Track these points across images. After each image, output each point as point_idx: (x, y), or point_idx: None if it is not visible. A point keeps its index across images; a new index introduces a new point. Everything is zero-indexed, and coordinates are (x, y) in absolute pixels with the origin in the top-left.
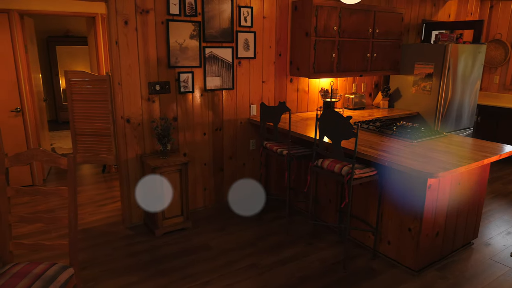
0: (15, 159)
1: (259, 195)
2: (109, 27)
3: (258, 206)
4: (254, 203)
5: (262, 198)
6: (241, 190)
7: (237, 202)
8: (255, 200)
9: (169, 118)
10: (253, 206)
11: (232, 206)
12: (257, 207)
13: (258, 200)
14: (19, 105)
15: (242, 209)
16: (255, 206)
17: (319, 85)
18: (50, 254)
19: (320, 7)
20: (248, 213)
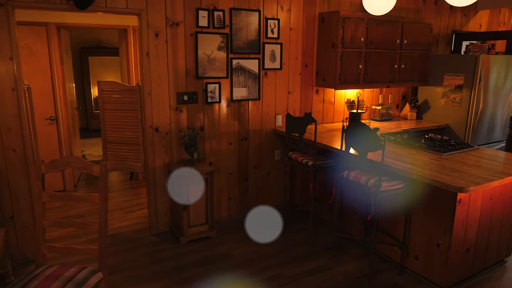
0: (51, 166)
1: (277, 224)
2: (140, 39)
3: (275, 234)
4: (272, 232)
5: (279, 227)
6: (261, 218)
7: (256, 229)
8: (273, 229)
9: (196, 128)
10: (270, 234)
11: (250, 232)
12: (274, 235)
13: (276, 228)
14: (53, 114)
15: (260, 236)
16: (272, 233)
17: (345, 96)
18: (80, 258)
19: (347, 19)
20: (265, 240)
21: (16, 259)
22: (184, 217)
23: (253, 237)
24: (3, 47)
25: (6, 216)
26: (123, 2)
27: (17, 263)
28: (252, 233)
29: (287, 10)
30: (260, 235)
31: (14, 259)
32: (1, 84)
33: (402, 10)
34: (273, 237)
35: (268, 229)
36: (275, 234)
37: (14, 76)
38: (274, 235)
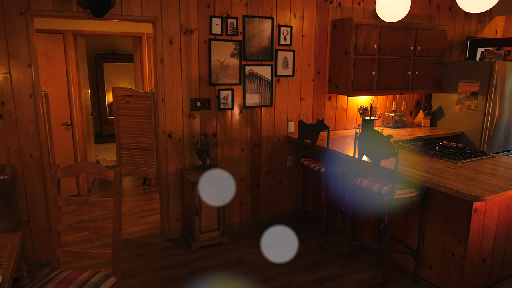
0: (67, 171)
1: (293, 242)
2: (155, 46)
3: (291, 252)
4: (287, 250)
5: (295, 246)
6: (276, 236)
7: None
8: (288, 246)
9: (209, 134)
10: (285, 252)
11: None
12: (289, 253)
13: (291, 247)
14: (69, 119)
15: (275, 255)
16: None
17: (358, 103)
18: (93, 262)
19: (360, 26)
20: (280, 260)
21: (31, 263)
22: (196, 223)
23: (270, 258)
24: (22, 54)
25: (22, 220)
26: (138, 10)
27: (32, 266)
28: (269, 254)
29: (300, 17)
30: (276, 255)
31: (29, 262)
32: (20, 90)
33: (416, 17)
34: (288, 257)
35: (284, 249)
36: (290, 255)
37: (32, 83)
38: (289, 255)
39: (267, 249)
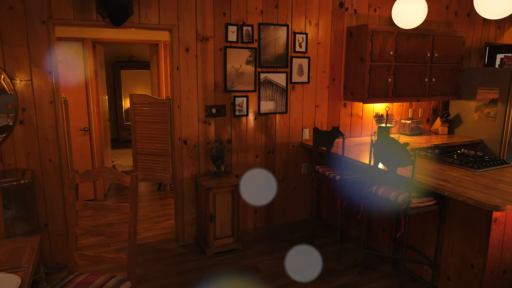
0: (85, 176)
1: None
2: (171, 54)
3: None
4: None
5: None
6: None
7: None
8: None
9: (224, 141)
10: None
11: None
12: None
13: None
14: (87, 125)
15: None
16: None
17: (373, 110)
18: (109, 266)
19: (376, 32)
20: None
21: (48, 265)
22: (210, 229)
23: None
24: (43, 62)
25: (41, 223)
26: (156, 19)
27: (49, 269)
28: (283, 263)
29: (315, 24)
30: (291, 265)
31: (47, 265)
32: (41, 97)
33: (433, 23)
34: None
35: (308, 268)
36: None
37: (53, 89)
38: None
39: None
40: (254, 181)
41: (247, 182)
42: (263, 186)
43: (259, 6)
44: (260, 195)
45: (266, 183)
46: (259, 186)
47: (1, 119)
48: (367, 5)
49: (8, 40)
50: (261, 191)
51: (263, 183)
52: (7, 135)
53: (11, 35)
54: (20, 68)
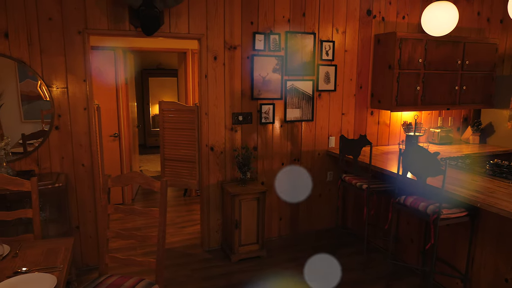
0: (117, 180)
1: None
2: (200, 62)
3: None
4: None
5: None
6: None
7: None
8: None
9: (250, 148)
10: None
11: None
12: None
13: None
14: (117, 131)
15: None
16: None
17: (401, 118)
18: (137, 269)
19: (405, 40)
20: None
21: (79, 267)
22: (235, 236)
23: (309, 276)
24: (78, 70)
25: (73, 226)
26: (186, 28)
27: (80, 270)
28: (308, 272)
29: (342, 32)
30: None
31: (77, 266)
32: (75, 104)
33: (464, 30)
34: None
35: (324, 268)
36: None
37: (87, 97)
38: (330, 274)
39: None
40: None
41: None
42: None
43: (286, 15)
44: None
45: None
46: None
47: (36, 124)
48: (395, 12)
49: (46, 49)
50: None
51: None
52: (43, 140)
53: (49, 45)
54: (57, 76)
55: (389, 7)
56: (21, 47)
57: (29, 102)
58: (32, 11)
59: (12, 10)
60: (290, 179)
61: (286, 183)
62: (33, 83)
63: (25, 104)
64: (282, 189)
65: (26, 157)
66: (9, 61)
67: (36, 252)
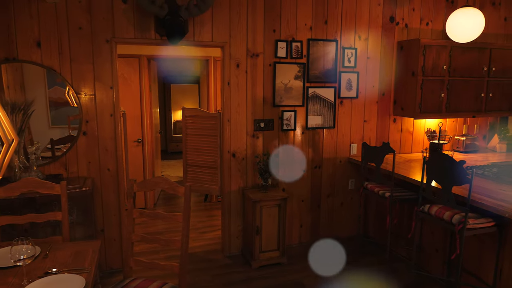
0: (142, 185)
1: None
2: (222, 70)
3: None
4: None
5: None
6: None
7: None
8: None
9: (271, 154)
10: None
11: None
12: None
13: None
14: (140, 136)
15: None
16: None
17: (425, 125)
18: (160, 273)
19: (429, 47)
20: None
21: (103, 269)
22: (256, 242)
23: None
24: (105, 78)
25: (98, 229)
26: (209, 36)
27: (104, 273)
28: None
29: (365, 39)
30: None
31: (101, 269)
32: (102, 110)
33: (490, 36)
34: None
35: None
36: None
37: (113, 103)
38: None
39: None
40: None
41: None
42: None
43: (308, 22)
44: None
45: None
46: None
47: (63, 129)
48: (418, 19)
49: (76, 57)
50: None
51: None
52: (71, 145)
53: (78, 53)
54: (85, 83)
55: (412, 14)
56: (52, 55)
57: (57, 108)
58: (63, 21)
59: (44, 20)
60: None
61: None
62: (61, 90)
63: (53, 110)
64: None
65: (55, 162)
66: (39, 69)
67: (65, 254)
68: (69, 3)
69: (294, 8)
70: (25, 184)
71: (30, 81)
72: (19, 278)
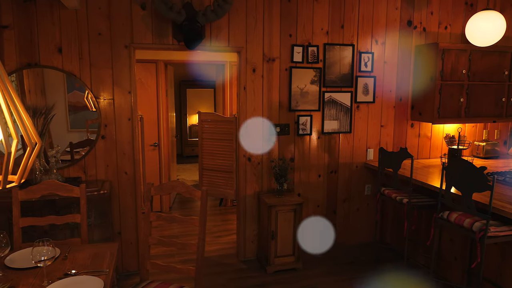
0: (159, 189)
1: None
2: (239, 74)
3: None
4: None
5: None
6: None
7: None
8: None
9: (287, 159)
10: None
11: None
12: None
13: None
14: (157, 140)
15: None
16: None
17: (443, 131)
18: (175, 276)
19: (447, 51)
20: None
21: (119, 272)
22: (271, 247)
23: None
24: (124, 83)
25: (115, 231)
26: (226, 42)
27: (120, 275)
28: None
29: (382, 43)
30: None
31: (117, 271)
32: (120, 114)
33: (511, 39)
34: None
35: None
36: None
37: (131, 107)
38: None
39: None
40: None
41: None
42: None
43: (325, 27)
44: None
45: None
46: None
47: (81, 133)
48: (437, 23)
49: (95, 62)
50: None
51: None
52: (90, 149)
53: (98, 58)
54: (104, 88)
55: (430, 18)
56: (72, 61)
57: (75, 112)
58: (83, 27)
59: (65, 26)
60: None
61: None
62: (80, 94)
63: (72, 114)
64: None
65: (74, 165)
66: (59, 74)
67: (84, 256)
68: (89, 10)
69: (311, 13)
70: (46, 186)
71: (50, 86)
72: (40, 279)
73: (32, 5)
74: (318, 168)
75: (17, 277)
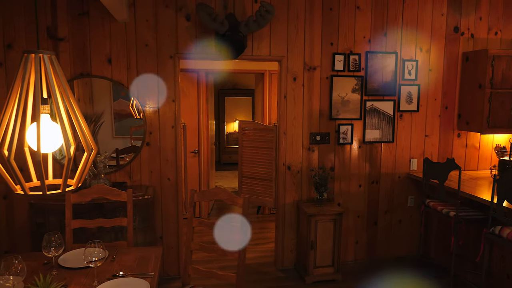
0: (202, 195)
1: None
2: (279, 83)
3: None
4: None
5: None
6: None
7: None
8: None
9: (327, 168)
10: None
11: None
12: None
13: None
14: (197, 147)
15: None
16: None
17: (493, 141)
18: (215, 282)
19: (498, 57)
20: None
21: (160, 276)
22: (310, 257)
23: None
24: (169, 91)
25: (157, 236)
26: (267, 51)
27: (161, 279)
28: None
29: (426, 51)
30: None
31: (159, 275)
32: (165, 122)
33: None
34: None
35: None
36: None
37: (175, 115)
38: None
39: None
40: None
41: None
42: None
43: (367, 35)
44: None
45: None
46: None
47: (125, 140)
48: (486, 28)
49: (142, 72)
50: None
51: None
52: (135, 155)
53: (144, 68)
54: (150, 97)
55: (479, 23)
56: (121, 70)
57: (120, 119)
58: (131, 39)
59: (115, 38)
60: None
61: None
62: (125, 103)
63: (117, 121)
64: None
65: (120, 170)
66: (106, 83)
67: (130, 258)
68: (137, 22)
69: (352, 21)
70: (96, 190)
71: (98, 95)
72: (90, 279)
73: (85, 19)
74: (359, 178)
75: (70, 276)
